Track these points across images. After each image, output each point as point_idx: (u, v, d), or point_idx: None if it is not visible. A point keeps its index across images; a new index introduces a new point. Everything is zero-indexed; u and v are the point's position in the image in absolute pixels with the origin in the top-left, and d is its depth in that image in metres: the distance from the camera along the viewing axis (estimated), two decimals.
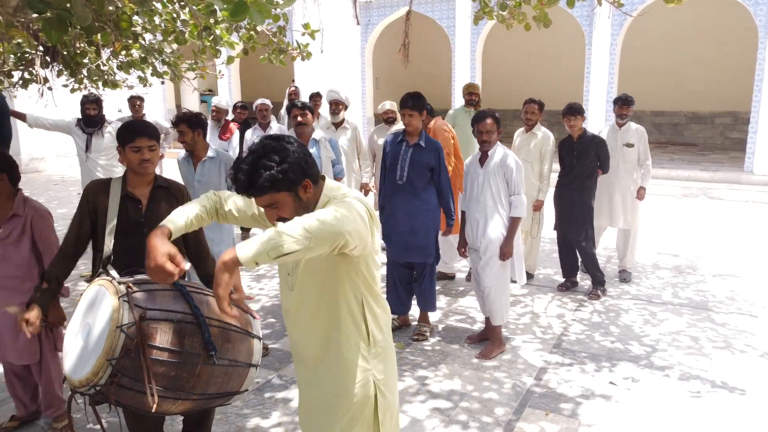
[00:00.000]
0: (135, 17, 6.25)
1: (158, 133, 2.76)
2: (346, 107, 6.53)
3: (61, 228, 7.53)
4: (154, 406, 2.00)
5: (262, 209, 2.05)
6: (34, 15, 2.92)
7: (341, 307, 2.06)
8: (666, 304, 5.30)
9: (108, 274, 2.42)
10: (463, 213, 4.45)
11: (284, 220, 1.90)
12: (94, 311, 2.17)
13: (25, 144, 13.65)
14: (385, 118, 6.32)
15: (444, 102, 14.53)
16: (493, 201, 4.18)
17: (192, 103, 15.95)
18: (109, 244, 2.67)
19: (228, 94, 15.85)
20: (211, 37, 6.49)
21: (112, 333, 2.02)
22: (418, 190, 4.40)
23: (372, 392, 2.14)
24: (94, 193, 2.78)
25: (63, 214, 9.25)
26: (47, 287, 2.73)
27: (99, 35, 4.41)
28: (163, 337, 2.10)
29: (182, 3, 5.53)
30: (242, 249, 1.68)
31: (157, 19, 6.42)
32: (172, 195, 2.86)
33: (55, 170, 14.25)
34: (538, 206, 5.61)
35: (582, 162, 5.33)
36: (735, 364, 4.19)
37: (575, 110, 5.30)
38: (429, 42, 16.40)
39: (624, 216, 5.88)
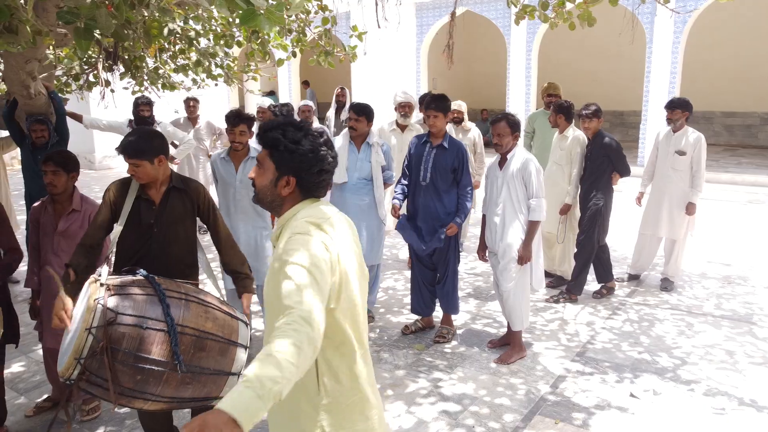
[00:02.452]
0: (190, 22, 6.58)
1: (143, 152, 2.82)
2: (413, 109, 6.41)
3: None
4: (115, 406, 2.12)
5: None
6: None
7: None
8: (706, 316, 5.06)
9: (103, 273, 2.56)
10: (483, 216, 4.42)
11: (254, 185, 1.91)
12: (79, 309, 2.34)
13: (99, 143, 14.51)
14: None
15: (499, 102, 14.35)
16: (512, 204, 4.13)
17: (254, 104, 16.46)
18: (114, 242, 2.84)
19: (288, 94, 16.26)
20: (259, 40, 6.72)
21: (81, 334, 2.17)
22: (440, 191, 4.41)
23: None
24: (114, 192, 2.97)
25: None
26: (73, 279, 2.89)
27: (146, 41, 4.68)
28: (130, 343, 2.21)
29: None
30: (240, 413, 1.36)
31: (211, 23, 6.71)
32: (186, 196, 2.98)
33: (125, 167, 15.05)
34: (564, 210, 5.47)
35: (593, 163, 5.24)
36: None
37: (591, 112, 5.31)
38: (485, 42, 16.23)
39: (670, 225, 5.63)
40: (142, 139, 2.80)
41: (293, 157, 1.84)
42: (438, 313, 4.83)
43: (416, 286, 4.75)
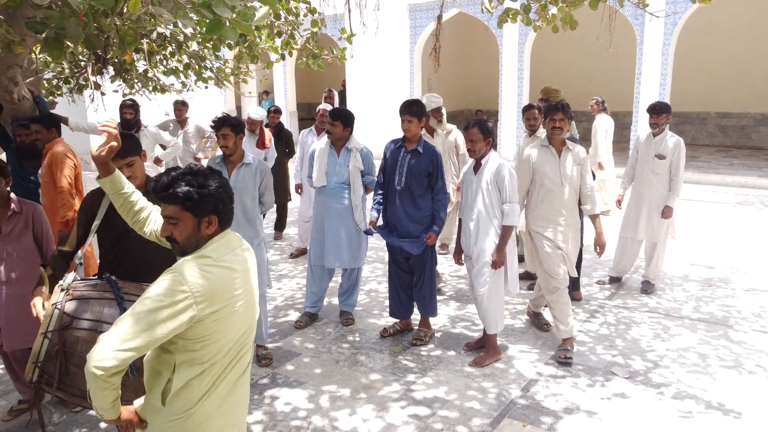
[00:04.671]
0: (179, 25, 6.62)
1: (131, 148, 2.89)
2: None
3: None
4: (73, 407, 2.17)
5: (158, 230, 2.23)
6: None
7: (160, 351, 2.01)
8: (683, 319, 5.09)
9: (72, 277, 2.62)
10: (459, 221, 4.46)
11: (173, 241, 2.02)
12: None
13: (96, 144, 14.57)
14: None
15: (494, 102, 14.38)
16: (486, 209, 4.17)
17: (252, 105, 16.50)
18: (84, 249, 2.90)
19: (284, 96, 16.30)
20: (246, 44, 6.75)
21: (38, 338, 2.24)
22: (416, 196, 4.45)
23: None
24: (90, 200, 3.03)
25: None
26: (51, 274, 2.93)
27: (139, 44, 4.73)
28: (85, 347, 2.27)
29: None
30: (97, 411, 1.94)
31: (196, 28, 6.75)
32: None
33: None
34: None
35: None
36: (739, 384, 3.99)
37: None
38: (479, 42, 16.25)
39: (649, 228, 5.67)
40: (124, 138, 2.89)
41: (209, 199, 1.98)
42: (417, 316, 4.88)
43: (394, 289, 4.79)
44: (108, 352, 1.78)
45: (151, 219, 2.44)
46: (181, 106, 7.89)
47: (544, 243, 4.41)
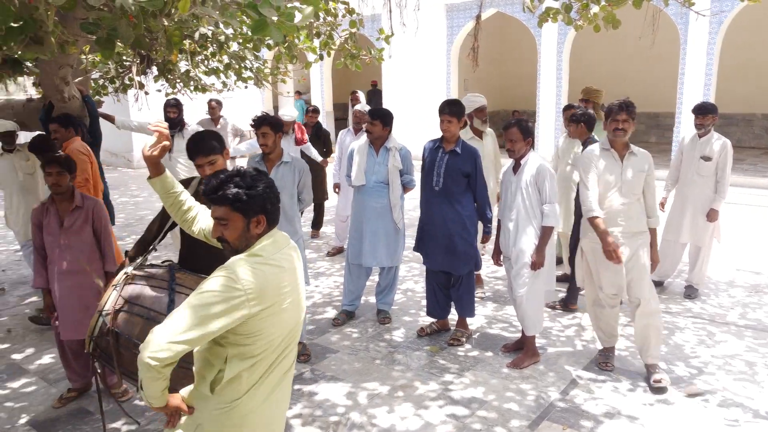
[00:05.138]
0: (220, 26, 6.75)
1: (215, 146, 2.99)
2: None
3: (152, 217, 8.22)
4: (119, 398, 2.27)
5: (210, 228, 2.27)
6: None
7: (212, 344, 2.05)
8: (729, 325, 4.95)
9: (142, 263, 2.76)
10: (498, 221, 4.43)
11: (224, 241, 2.08)
12: None
13: (137, 142, 14.94)
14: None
15: (531, 102, 14.24)
16: (525, 210, 4.13)
17: (288, 106, 16.70)
18: (159, 237, 3.02)
19: (320, 95, 16.45)
20: (286, 44, 6.85)
21: (95, 315, 2.38)
22: (454, 197, 4.44)
23: None
24: None
25: (160, 207, 10.09)
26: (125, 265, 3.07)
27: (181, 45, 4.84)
28: (132, 330, 2.40)
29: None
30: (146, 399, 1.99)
31: (242, 28, 6.87)
32: None
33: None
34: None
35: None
36: None
37: (574, 118, 5.31)
38: (516, 42, 16.12)
39: (693, 231, 5.54)
40: (208, 137, 2.96)
41: (257, 200, 2.03)
42: (454, 316, 4.86)
43: (431, 288, 4.79)
44: (163, 343, 1.84)
45: (198, 218, 2.51)
46: (215, 105, 8.03)
47: (595, 256, 4.06)
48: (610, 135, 3.95)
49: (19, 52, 3.65)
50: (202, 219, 2.49)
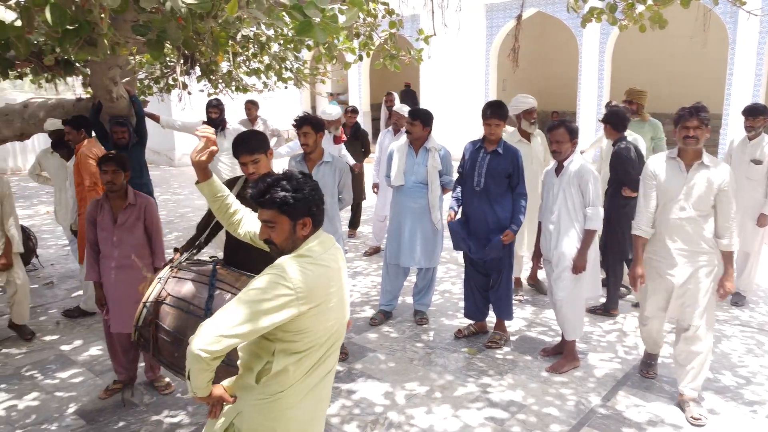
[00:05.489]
0: (262, 27, 6.86)
1: (259, 145, 3.03)
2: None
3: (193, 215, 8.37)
4: (156, 373, 2.33)
5: (257, 232, 2.33)
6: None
7: (261, 338, 2.08)
8: None
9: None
10: (539, 223, 4.38)
11: (271, 243, 2.12)
12: None
13: (179, 141, 15.27)
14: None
15: (570, 104, 14.03)
16: (567, 212, 4.08)
17: (327, 105, 16.81)
18: (203, 234, 3.10)
19: (358, 96, 16.52)
20: (326, 45, 6.91)
21: (139, 306, 2.48)
22: (494, 197, 4.41)
23: (225, 427, 2.18)
24: None
25: (200, 205, 10.29)
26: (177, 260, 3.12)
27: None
28: (172, 322, 2.48)
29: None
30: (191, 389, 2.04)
31: (282, 29, 6.96)
32: None
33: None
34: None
35: (610, 171, 5.06)
36: None
37: (604, 119, 5.17)
38: (556, 42, 15.88)
39: (742, 237, 5.34)
40: (254, 136, 3.01)
41: (303, 203, 2.07)
42: (492, 318, 4.83)
43: (469, 290, 4.76)
44: (214, 337, 1.89)
45: (244, 221, 2.55)
46: (250, 106, 8.13)
47: (650, 274, 3.78)
48: (679, 143, 3.58)
49: (73, 54, 3.78)
50: (247, 222, 2.53)
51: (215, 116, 6.99)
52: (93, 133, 5.60)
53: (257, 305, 1.92)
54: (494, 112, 4.35)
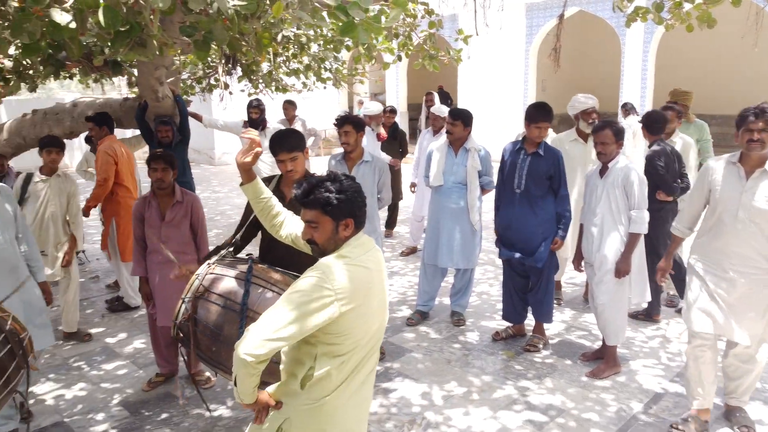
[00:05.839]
0: (302, 28, 6.94)
1: (297, 144, 3.07)
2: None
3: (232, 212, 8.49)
4: (192, 368, 2.52)
5: (299, 235, 2.37)
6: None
7: (302, 343, 2.11)
8: None
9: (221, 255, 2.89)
10: (581, 226, 4.31)
11: (313, 243, 2.15)
12: None
13: (219, 140, 15.55)
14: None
15: (612, 105, 13.76)
16: (611, 215, 4.00)
17: (366, 103, 16.87)
18: (239, 232, 3.15)
19: (395, 96, 16.55)
20: (365, 45, 6.94)
21: (178, 302, 2.57)
22: (535, 199, 4.36)
23: (272, 430, 2.20)
24: None
25: (239, 203, 10.45)
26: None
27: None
28: (209, 317, 2.54)
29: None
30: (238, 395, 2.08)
31: (322, 29, 7.02)
32: None
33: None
34: None
35: (645, 174, 4.51)
36: None
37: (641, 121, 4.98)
38: (598, 42, 15.61)
39: None
40: (293, 134, 3.06)
41: (346, 204, 2.10)
42: (531, 321, 4.77)
43: (508, 292, 4.72)
44: (260, 341, 1.92)
45: (286, 224, 2.58)
46: (288, 106, 8.21)
47: (696, 283, 3.44)
48: (743, 148, 3.26)
49: (123, 55, 3.89)
50: (289, 224, 2.56)
51: (256, 116, 7.09)
52: (114, 130, 5.75)
53: (300, 308, 1.95)
54: (543, 114, 4.29)
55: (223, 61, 7.01)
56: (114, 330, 5.16)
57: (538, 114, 4.29)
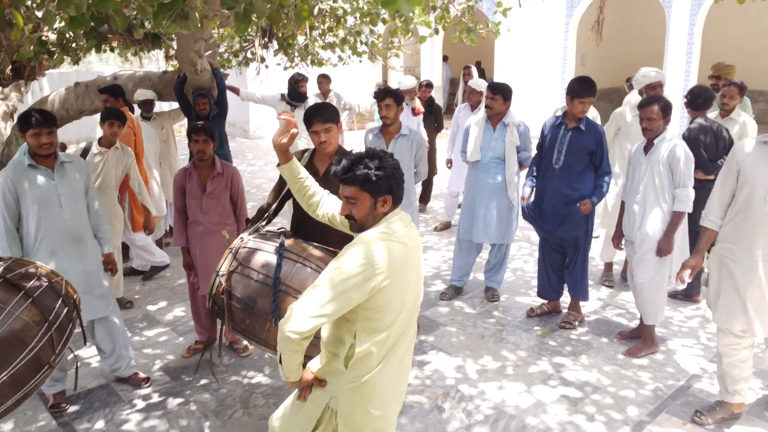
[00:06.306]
0: (339, 1, 6.88)
1: (331, 116, 3.06)
2: None
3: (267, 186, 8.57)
4: (228, 340, 2.69)
5: (337, 213, 2.40)
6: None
7: (341, 320, 2.15)
8: None
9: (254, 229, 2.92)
10: (622, 203, 4.23)
11: (351, 219, 2.17)
12: None
13: (254, 114, 15.64)
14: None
15: None
16: (655, 193, 3.91)
17: (395, 81, 16.72)
18: (272, 206, 3.18)
19: (430, 70, 16.35)
20: (402, 18, 6.87)
21: (213, 276, 2.61)
22: (574, 174, 4.29)
23: (321, 409, 2.27)
24: None
25: (274, 177, 10.55)
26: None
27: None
28: (243, 291, 2.59)
29: None
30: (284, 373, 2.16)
31: (358, 2, 6.96)
32: None
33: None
34: None
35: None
36: None
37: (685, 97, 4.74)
38: (641, 16, 15.08)
39: None
40: (329, 107, 3.07)
41: (385, 180, 2.13)
42: (566, 298, 4.74)
43: (543, 269, 4.68)
44: (304, 318, 1.97)
45: (322, 203, 2.60)
46: (323, 80, 8.17)
47: (722, 274, 3.24)
48: None
49: (165, 27, 3.92)
50: (325, 203, 2.58)
51: (303, 90, 7.07)
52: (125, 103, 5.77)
53: (342, 284, 1.99)
54: (587, 89, 4.18)
55: (259, 35, 7.02)
56: (154, 298, 5.31)
57: (582, 88, 4.18)
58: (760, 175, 3.02)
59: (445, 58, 17.69)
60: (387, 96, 4.36)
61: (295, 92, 7.06)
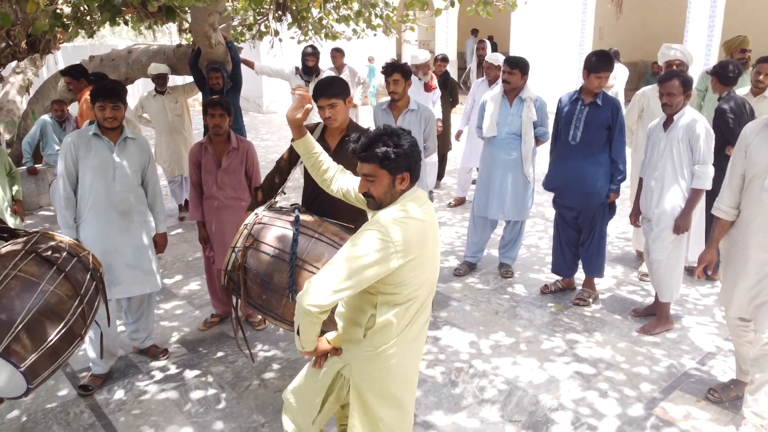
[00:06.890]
0: None
1: (338, 91, 3.00)
2: None
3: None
4: (244, 316, 2.71)
5: (354, 189, 2.40)
6: None
7: (363, 292, 2.16)
8: None
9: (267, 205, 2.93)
10: (639, 180, 4.18)
11: (369, 196, 2.17)
12: None
13: (267, 88, 15.59)
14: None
15: None
16: (674, 169, 3.85)
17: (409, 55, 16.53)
18: (284, 182, 3.17)
19: (444, 44, 16.16)
20: None
21: (228, 251, 2.64)
22: (592, 150, 4.24)
23: (332, 375, 2.32)
24: None
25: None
26: (261, 200, 3.21)
27: None
28: (259, 267, 2.60)
29: None
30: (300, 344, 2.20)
31: None
32: None
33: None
34: None
35: (713, 129, 4.05)
36: None
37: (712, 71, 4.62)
38: None
39: None
40: (336, 81, 3.02)
41: (403, 158, 2.13)
42: (580, 275, 4.72)
43: (558, 245, 4.66)
44: (323, 292, 2.00)
45: (336, 178, 2.59)
46: (336, 54, 8.10)
47: (736, 265, 3.08)
48: None
49: (178, 1, 3.90)
50: (339, 179, 2.57)
51: (312, 64, 7.03)
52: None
53: (360, 260, 2.00)
54: (604, 64, 4.11)
55: (273, 8, 6.95)
56: (170, 272, 5.36)
57: (600, 63, 4.11)
58: (760, 159, 2.89)
59: (473, 32, 17.39)
60: (395, 71, 4.32)
61: (304, 66, 7.03)
